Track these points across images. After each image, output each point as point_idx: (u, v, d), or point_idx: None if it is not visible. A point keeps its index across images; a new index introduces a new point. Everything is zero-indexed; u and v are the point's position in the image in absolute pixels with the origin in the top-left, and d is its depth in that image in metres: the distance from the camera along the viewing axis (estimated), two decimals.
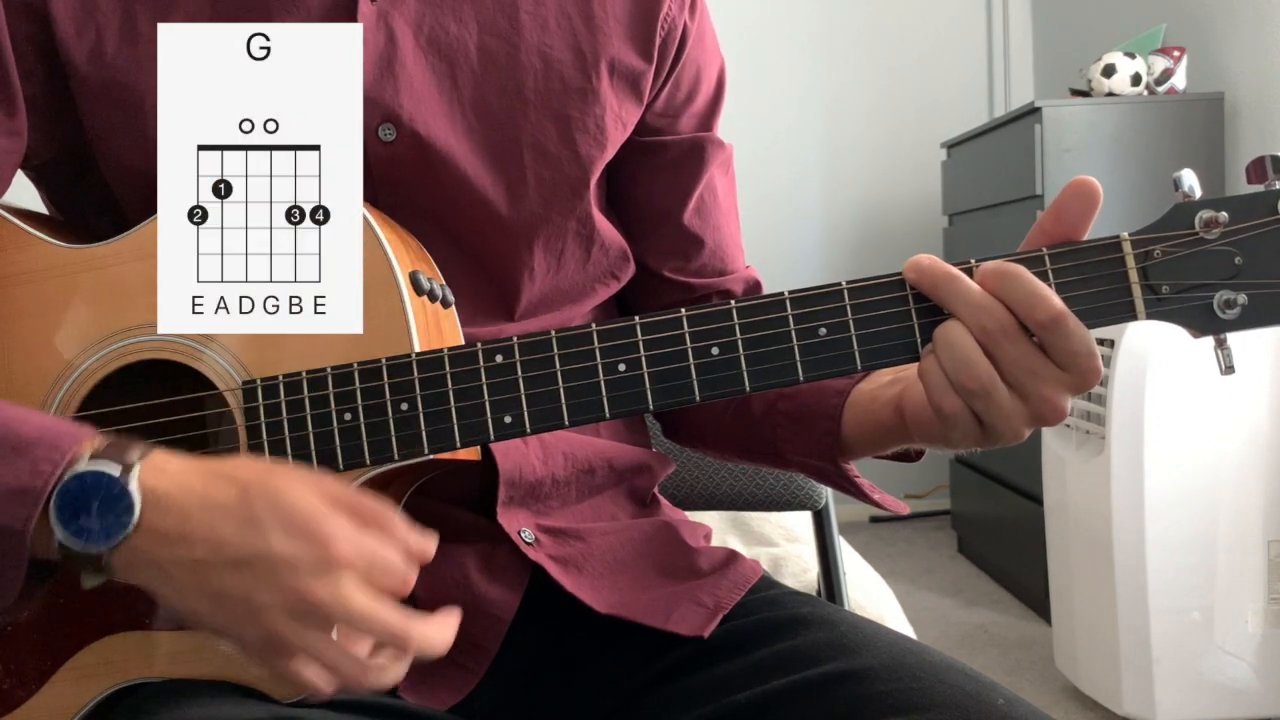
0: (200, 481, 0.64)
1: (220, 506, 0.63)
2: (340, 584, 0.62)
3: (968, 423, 0.69)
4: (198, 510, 0.63)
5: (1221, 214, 0.67)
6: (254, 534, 0.62)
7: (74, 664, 0.74)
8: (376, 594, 0.63)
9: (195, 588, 0.63)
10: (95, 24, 0.78)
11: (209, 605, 0.63)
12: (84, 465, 0.63)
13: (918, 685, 0.71)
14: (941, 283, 0.68)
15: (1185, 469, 2.12)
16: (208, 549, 0.62)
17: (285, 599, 0.62)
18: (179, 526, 0.63)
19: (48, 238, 0.77)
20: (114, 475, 0.63)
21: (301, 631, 0.62)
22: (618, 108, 0.86)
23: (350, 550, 0.62)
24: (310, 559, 0.62)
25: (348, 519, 0.64)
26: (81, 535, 0.62)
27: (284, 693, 0.71)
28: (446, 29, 0.82)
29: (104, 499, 0.62)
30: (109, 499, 0.62)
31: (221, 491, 0.63)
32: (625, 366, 0.70)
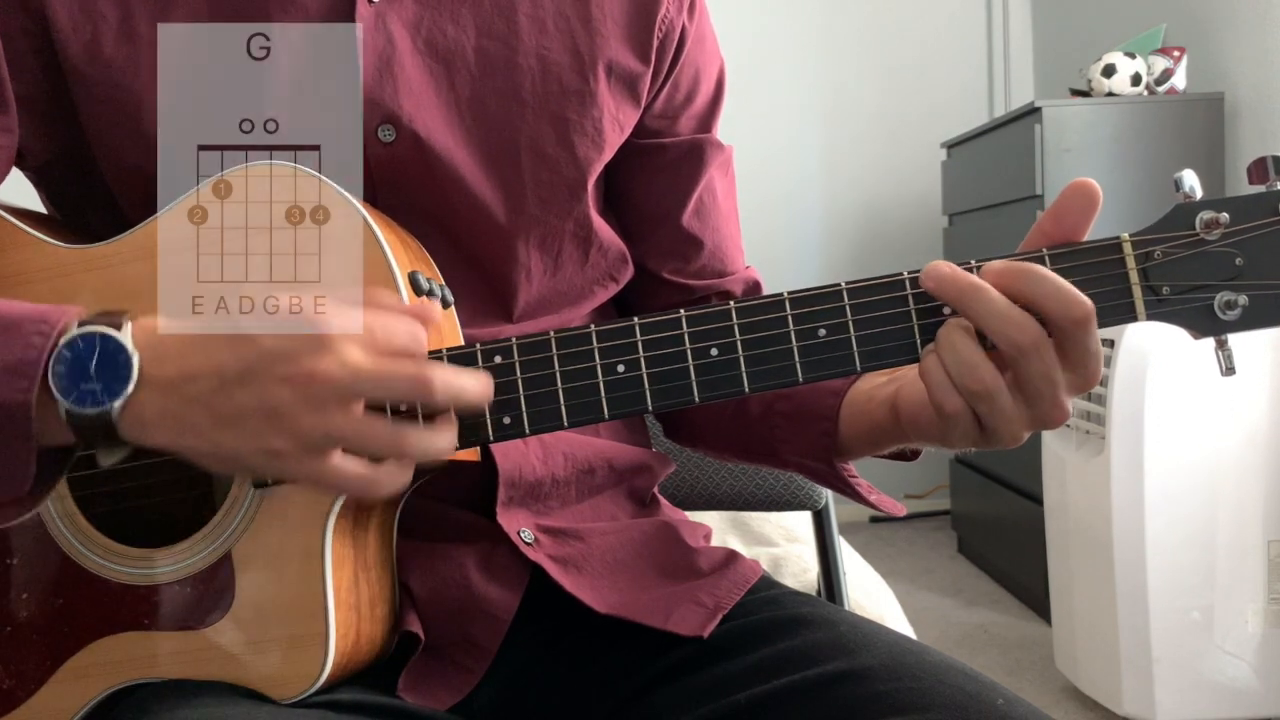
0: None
1: (211, 338, 0.64)
2: (344, 355, 0.62)
3: (968, 424, 0.69)
4: (191, 348, 0.63)
5: (1222, 215, 0.67)
6: (246, 344, 0.63)
7: (74, 664, 0.74)
8: (385, 354, 0.63)
9: (211, 421, 0.63)
10: (93, 22, 0.78)
11: (231, 433, 0.63)
12: (75, 331, 0.64)
13: (918, 685, 0.71)
14: (967, 295, 0.67)
15: (1185, 469, 2.12)
16: (210, 378, 0.63)
17: (295, 390, 0.62)
18: (178, 367, 0.63)
19: (47, 238, 0.77)
20: (108, 334, 0.63)
21: (326, 418, 0.62)
22: (615, 110, 0.86)
23: (343, 320, 0.63)
24: (307, 343, 0.62)
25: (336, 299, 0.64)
26: (85, 399, 0.63)
27: (284, 693, 0.71)
28: (444, 31, 0.82)
29: (100, 358, 0.63)
30: (105, 357, 0.63)
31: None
32: (624, 367, 0.70)
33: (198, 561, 0.73)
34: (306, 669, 0.71)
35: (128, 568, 0.74)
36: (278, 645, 0.72)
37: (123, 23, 0.78)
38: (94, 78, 0.78)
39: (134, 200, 0.79)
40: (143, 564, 0.74)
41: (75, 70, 0.78)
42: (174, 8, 0.78)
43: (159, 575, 0.74)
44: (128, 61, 0.78)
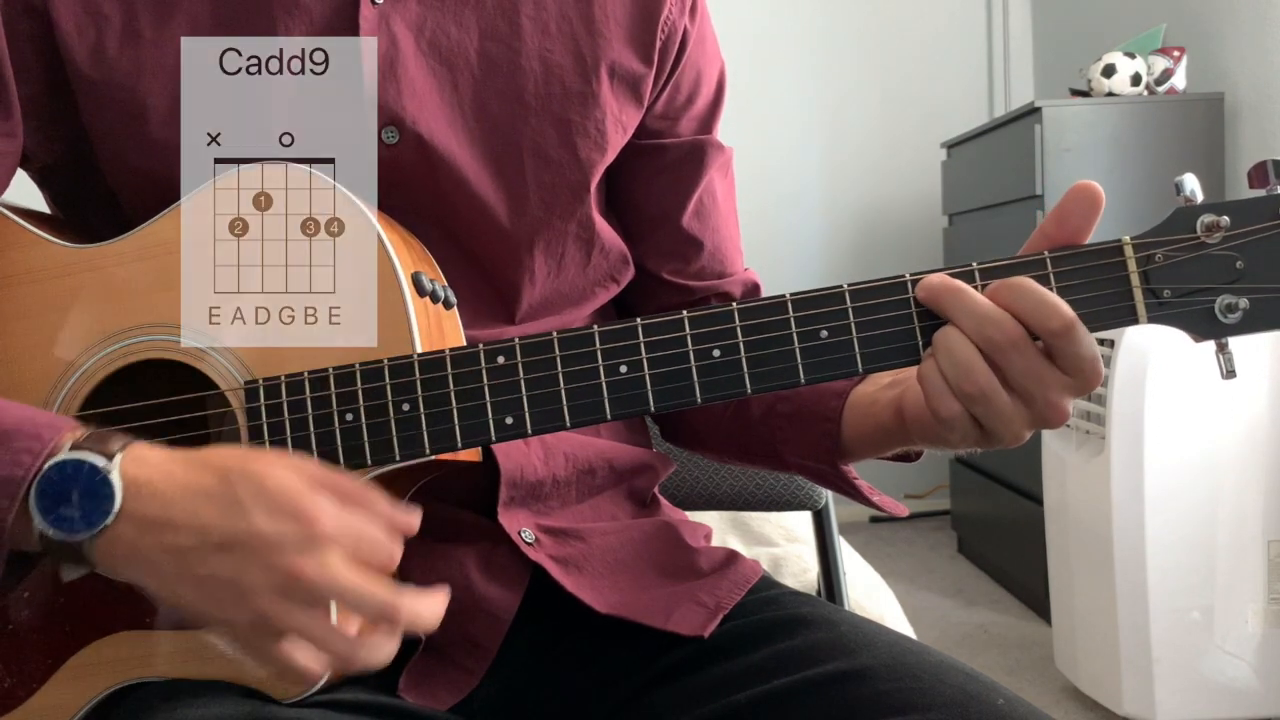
0: (181, 469, 0.64)
1: (202, 492, 0.63)
2: (326, 560, 0.62)
3: (966, 426, 0.69)
4: (180, 496, 0.63)
5: (1223, 218, 0.67)
6: (238, 516, 0.62)
7: (74, 663, 0.74)
8: (363, 570, 0.63)
9: (180, 575, 0.63)
10: (96, 25, 0.78)
11: (195, 591, 0.63)
12: (65, 455, 0.63)
13: (918, 685, 0.71)
14: (945, 296, 0.68)
15: (1185, 469, 2.12)
16: (191, 534, 0.62)
17: (272, 578, 0.61)
18: (161, 513, 0.63)
19: (51, 238, 0.77)
20: (95, 464, 0.63)
21: (290, 611, 0.62)
22: (618, 111, 0.86)
23: (335, 526, 0.62)
24: (295, 536, 0.61)
25: (330, 497, 0.63)
26: (62, 524, 0.62)
27: (284, 692, 0.71)
28: (447, 33, 0.82)
29: (85, 488, 0.62)
30: (90, 488, 0.62)
31: (203, 477, 0.63)
32: (627, 368, 0.70)
33: None
34: None
35: None
36: None
37: (126, 26, 0.78)
38: (98, 80, 0.78)
39: (136, 201, 0.79)
40: None
41: (79, 73, 0.78)
42: (177, 11, 0.78)
43: None
44: (131, 64, 0.78)
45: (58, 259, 0.76)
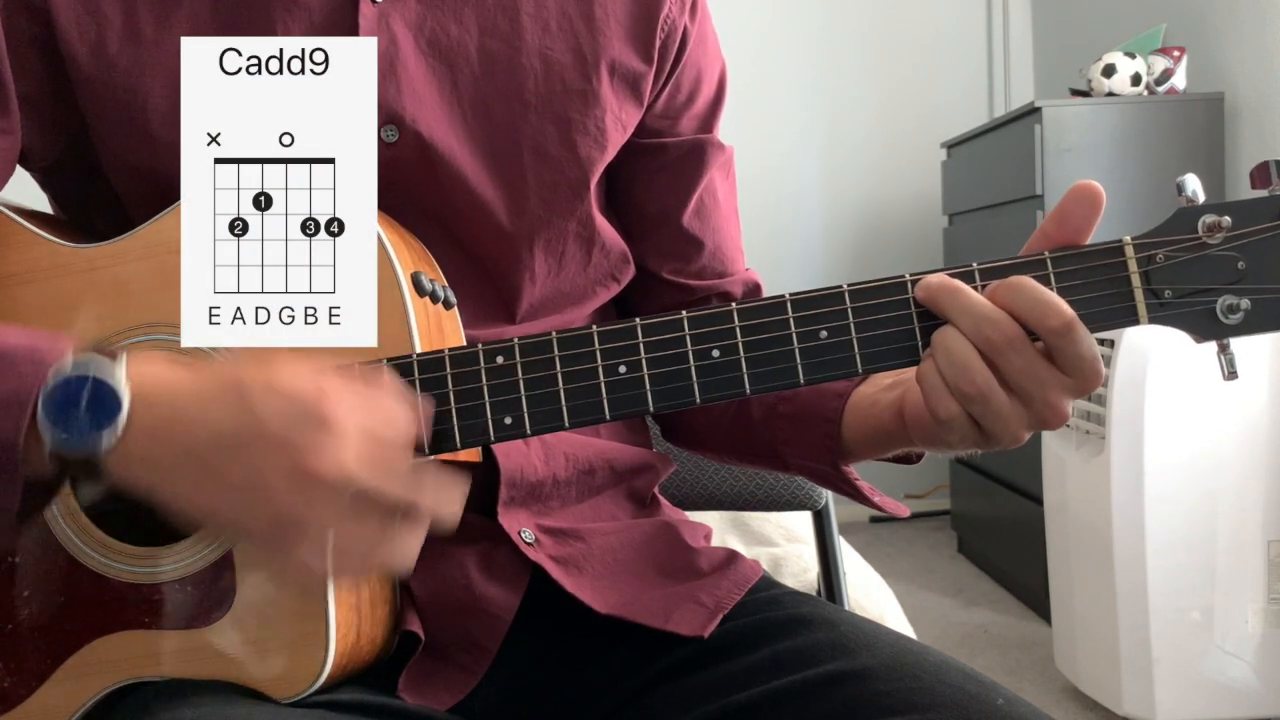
0: (187, 371, 0.64)
1: (209, 391, 0.63)
2: (341, 454, 0.61)
3: (965, 427, 0.69)
4: (188, 397, 0.62)
5: (1225, 218, 0.67)
6: (247, 413, 0.62)
7: (74, 662, 0.74)
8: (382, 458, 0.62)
9: (195, 479, 0.63)
10: (96, 24, 0.78)
11: (212, 494, 0.63)
12: (68, 368, 0.63)
13: (918, 685, 0.71)
14: (942, 296, 0.68)
15: (1185, 469, 2.12)
16: (202, 434, 0.62)
17: (288, 473, 0.61)
18: (170, 415, 0.62)
19: (51, 237, 0.77)
20: (99, 372, 0.63)
21: (309, 505, 0.61)
22: (618, 109, 0.86)
23: (347, 414, 0.62)
24: (308, 430, 0.61)
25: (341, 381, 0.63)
26: (72, 435, 0.62)
27: (284, 693, 0.71)
28: (447, 31, 0.82)
29: (91, 396, 0.62)
30: (95, 396, 0.62)
31: (211, 377, 0.63)
32: (626, 368, 0.70)
33: (199, 560, 0.73)
34: (307, 669, 0.71)
35: (129, 566, 0.74)
36: (278, 645, 0.72)
37: (126, 24, 0.78)
38: (98, 79, 0.78)
39: (138, 200, 0.79)
40: (144, 562, 0.74)
41: (80, 72, 0.78)
42: (177, 10, 0.78)
43: (160, 574, 0.74)
44: (132, 63, 0.78)
45: (58, 259, 0.76)
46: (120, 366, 0.63)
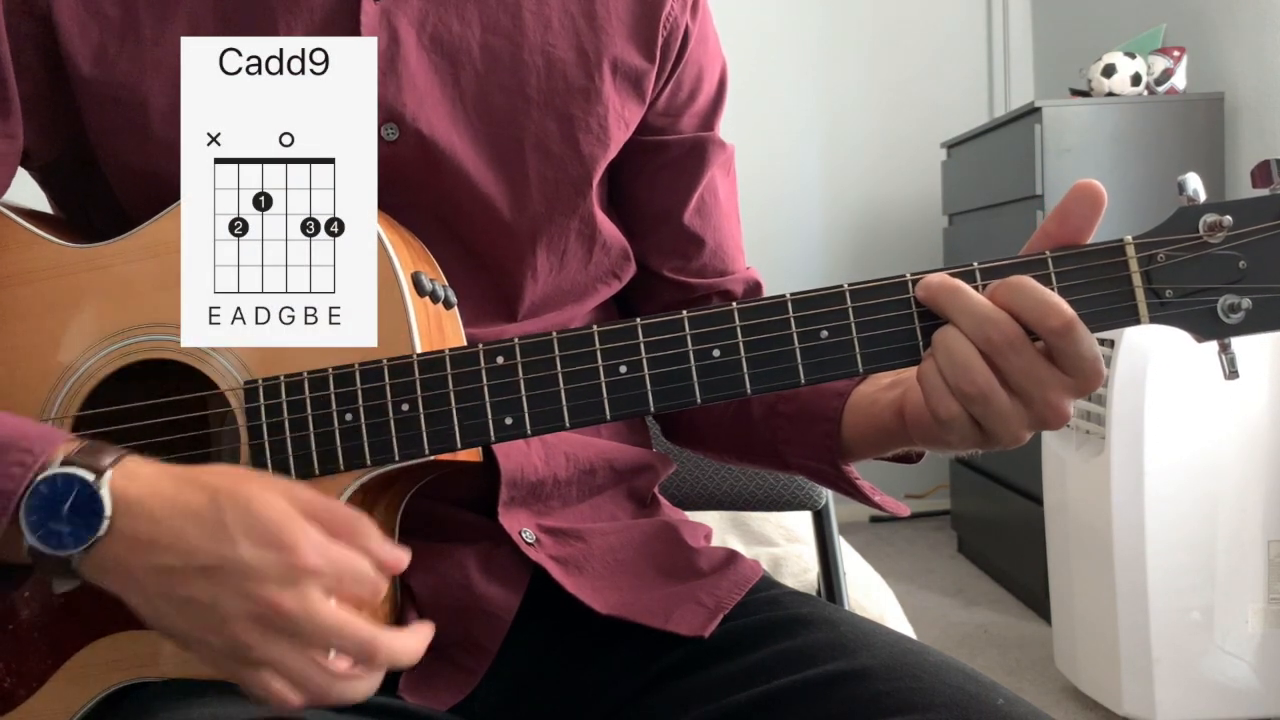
0: (172, 487, 0.64)
1: (190, 513, 0.63)
2: (307, 594, 0.61)
3: (965, 427, 0.69)
4: (168, 516, 0.63)
5: (1226, 218, 0.67)
6: (222, 541, 0.62)
7: (75, 663, 0.74)
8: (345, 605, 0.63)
9: (162, 594, 0.63)
10: (97, 25, 0.78)
11: (175, 612, 0.63)
12: (56, 469, 0.63)
13: (918, 685, 0.71)
14: (943, 295, 0.68)
15: (1185, 469, 2.12)
16: (176, 555, 0.62)
17: (252, 607, 0.61)
18: (149, 532, 0.62)
19: (51, 237, 0.77)
20: (85, 480, 0.62)
21: (267, 641, 0.62)
22: (620, 107, 0.86)
23: (318, 559, 0.62)
24: (278, 567, 0.61)
25: (318, 527, 0.63)
26: (51, 539, 0.62)
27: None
28: (449, 28, 0.82)
29: (75, 503, 0.62)
30: (80, 503, 0.62)
31: (192, 498, 0.63)
32: (626, 368, 0.70)
33: None
34: None
35: None
36: None
37: (126, 24, 0.78)
38: (99, 80, 0.78)
39: (137, 200, 0.79)
40: None
41: (80, 72, 0.78)
42: (178, 10, 0.78)
43: None
44: (132, 64, 0.78)
45: (58, 259, 0.76)
46: (106, 476, 0.63)
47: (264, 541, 0.62)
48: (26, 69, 0.79)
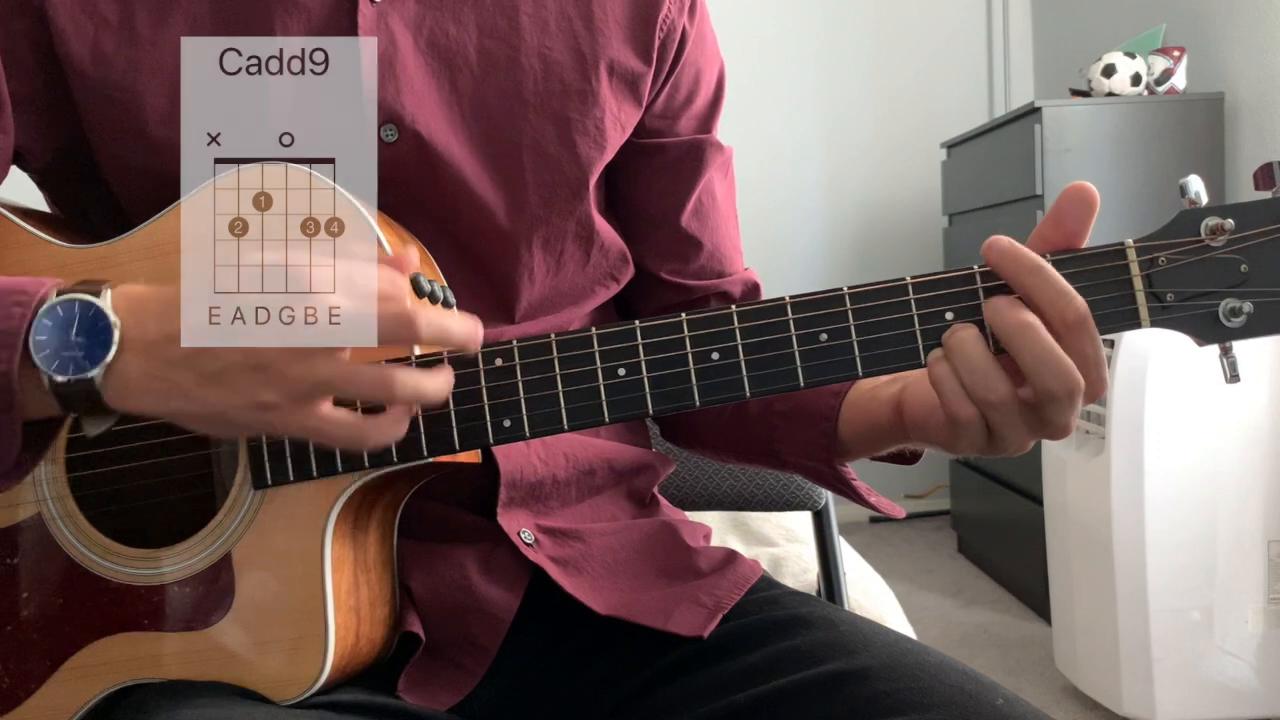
0: (171, 290, 0.64)
1: None
2: (329, 301, 0.63)
3: (979, 431, 0.69)
4: (174, 309, 0.63)
5: (1228, 221, 0.66)
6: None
7: (73, 664, 0.74)
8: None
9: (198, 379, 0.63)
10: (94, 24, 0.78)
11: (218, 392, 0.63)
12: (54, 300, 0.64)
13: (917, 685, 0.71)
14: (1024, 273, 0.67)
15: (1185, 469, 2.12)
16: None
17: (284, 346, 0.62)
18: (159, 327, 0.63)
19: (49, 237, 0.77)
20: (86, 299, 0.63)
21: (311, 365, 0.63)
22: (617, 109, 0.86)
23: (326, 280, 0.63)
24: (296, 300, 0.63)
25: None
26: (68, 365, 0.63)
27: (283, 694, 0.71)
28: (446, 31, 0.82)
29: (81, 324, 0.63)
30: (86, 322, 0.63)
31: None
32: (625, 371, 0.70)
33: (198, 562, 0.73)
34: (306, 670, 0.71)
35: (128, 568, 0.74)
36: (277, 646, 0.72)
37: (123, 24, 0.78)
38: (96, 79, 0.78)
39: (135, 200, 0.79)
40: (143, 564, 0.74)
41: (77, 72, 0.78)
42: (176, 10, 0.78)
43: (159, 575, 0.74)
44: (129, 63, 0.78)
45: (56, 258, 0.76)
46: (106, 293, 0.64)
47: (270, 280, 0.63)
48: (21, 67, 0.79)
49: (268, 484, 0.72)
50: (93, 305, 0.63)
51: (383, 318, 0.63)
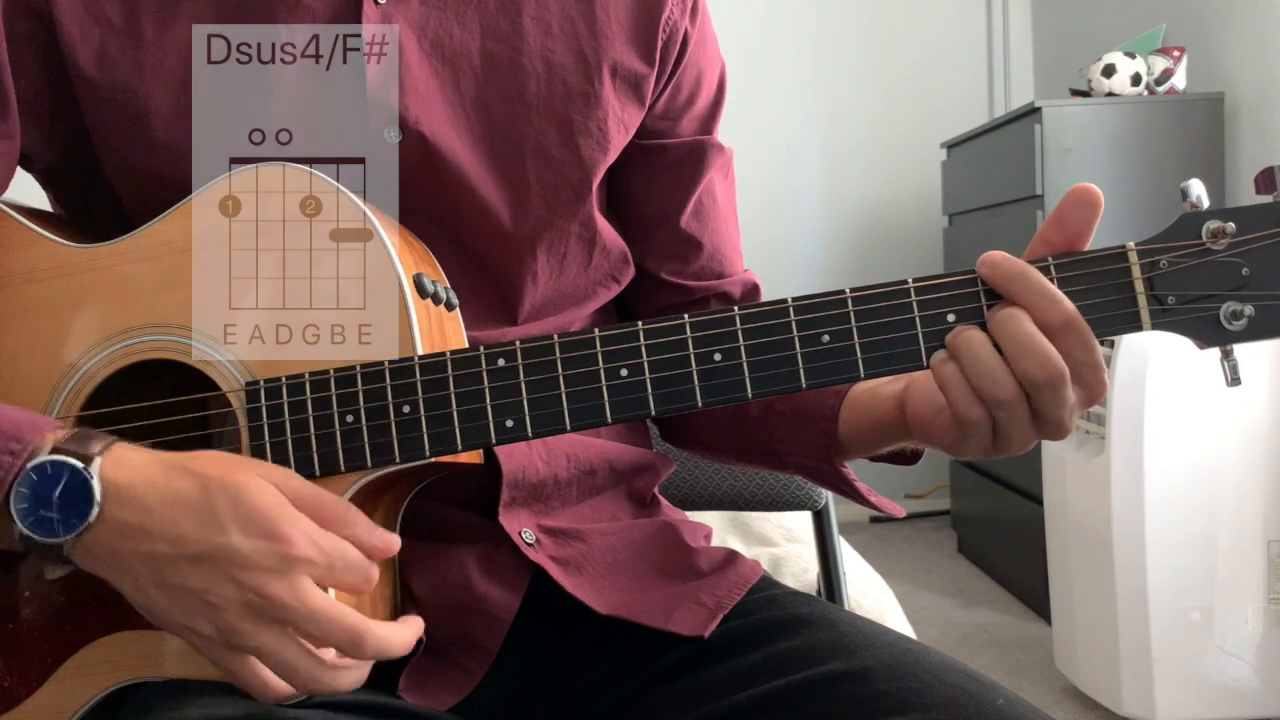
0: (162, 475, 0.64)
1: (181, 500, 0.63)
2: (298, 582, 0.62)
3: (986, 432, 0.69)
4: (158, 504, 0.63)
5: (1229, 224, 0.66)
6: (213, 529, 0.62)
7: (75, 662, 0.74)
8: (342, 597, 0.63)
9: (153, 581, 0.63)
10: (99, 26, 0.78)
11: (166, 599, 0.63)
12: (45, 456, 0.64)
13: (917, 685, 0.71)
14: (1009, 280, 0.67)
15: (1185, 469, 2.12)
16: (167, 543, 0.63)
17: (242, 595, 0.62)
18: (139, 519, 0.63)
19: (54, 237, 0.77)
20: (76, 466, 0.63)
21: (257, 630, 0.62)
22: (620, 111, 0.86)
23: (309, 548, 0.63)
24: (269, 556, 0.62)
25: (309, 516, 0.64)
26: (42, 526, 0.63)
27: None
28: (450, 33, 0.82)
29: (65, 490, 0.63)
30: (70, 490, 0.63)
31: (183, 485, 0.64)
32: (627, 371, 0.70)
33: None
34: None
35: None
36: None
37: (128, 26, 0.78)
38: (100, 82, 0.78)
39: (139, 201, 0.79)
40: None
41: (82, 75, 0.78)
42: (180, 12, 0.78)
43: None
44: (133, 65, 0.78)
45: (61, 258, 0.76)
46: (96, 464, 0.64)
47: (255, 530, 0.62)
48: (26, 69, 0.79)
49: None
50: (79, 473, 0.63)
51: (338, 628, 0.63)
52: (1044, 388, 0.66)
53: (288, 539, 0.62)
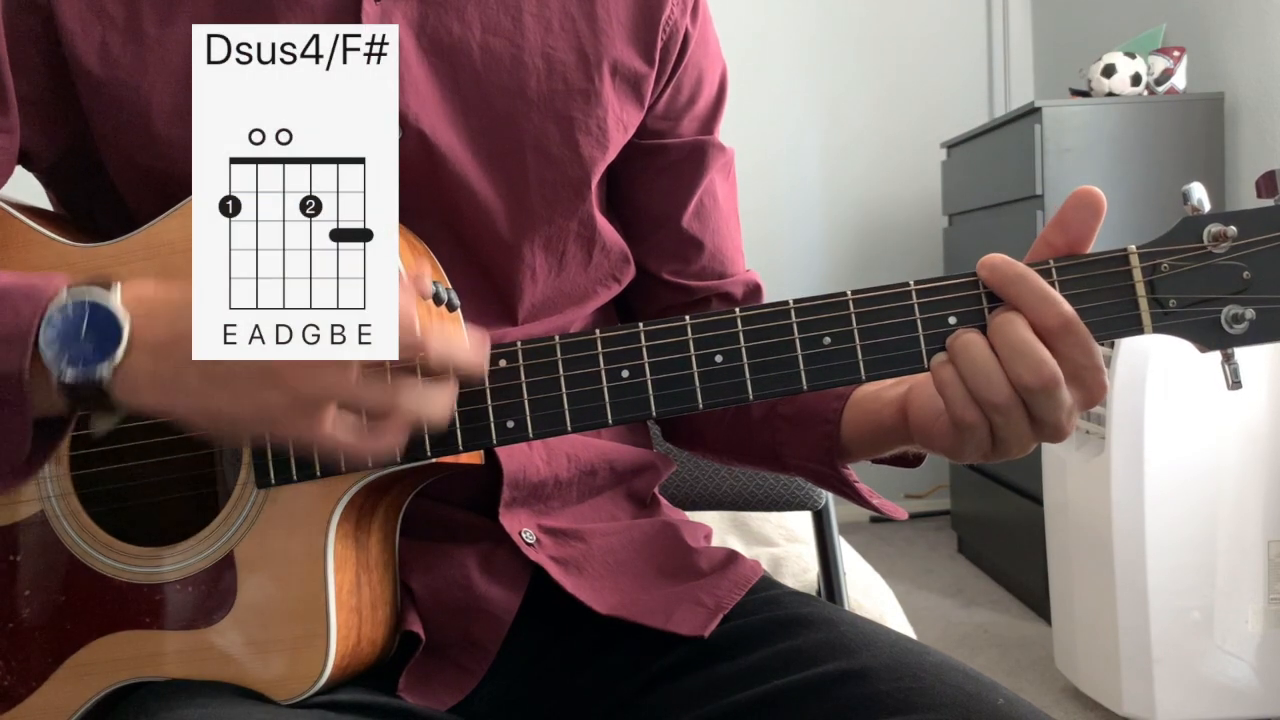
0: (179, 292, 0.64)
1: None
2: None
3: (984, 436, 0.69)
4: (184, 309, 0.63)
5: (1230, 228, 0.66)
6: None
7: (75, 662, 0.74)
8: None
9: (204, 381, 0.63)
10: (100, 23, 0.78)
11: (226, 394, 0.63)
12: (64, 298, 0.64)
13: (918, 685, 0.71)
14: (1008, 283, 0.67)
15: (1185, 469, 2.12)
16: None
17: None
18: (169, 329, 0.63)
19: (56, 236, 0.77)
20: (96, 301, 0.64)
21: (319, 374, 0.62)
22: (619, 110, 0.86)
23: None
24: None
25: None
26: (76, 363, 0.63)
27: (284, 693, 0.71)
28: (449, 29, 0.82)
29: (90, 322, 0.63)
30: (95, 321, 0.63)
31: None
32: (629, 373, 0.70)
33: (200, 561, 0.73)
34: (307, 670, 0.71)
35: (130, 566, 0.74)
36: (279, 646, 0.72)
37: (130, 23, 0.78)
38: (102, 79, 0.78)
39: (142, 199, 0.79)
40: (145, 562, 0.74)
41: (83, 72, 0.78)
42: (180, 9, 0.78)
43: (161, 574, 0.74)
44: (135, 63, 0.78)
45: (62, 257, 0.76)
46: (115, 291, 0.64)
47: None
48: (27, 67, 0.79)
49: (270, 483, 0.72)
50: (101, 303, 0.64)
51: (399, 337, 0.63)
52: (1038, 392, 0.66)
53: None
